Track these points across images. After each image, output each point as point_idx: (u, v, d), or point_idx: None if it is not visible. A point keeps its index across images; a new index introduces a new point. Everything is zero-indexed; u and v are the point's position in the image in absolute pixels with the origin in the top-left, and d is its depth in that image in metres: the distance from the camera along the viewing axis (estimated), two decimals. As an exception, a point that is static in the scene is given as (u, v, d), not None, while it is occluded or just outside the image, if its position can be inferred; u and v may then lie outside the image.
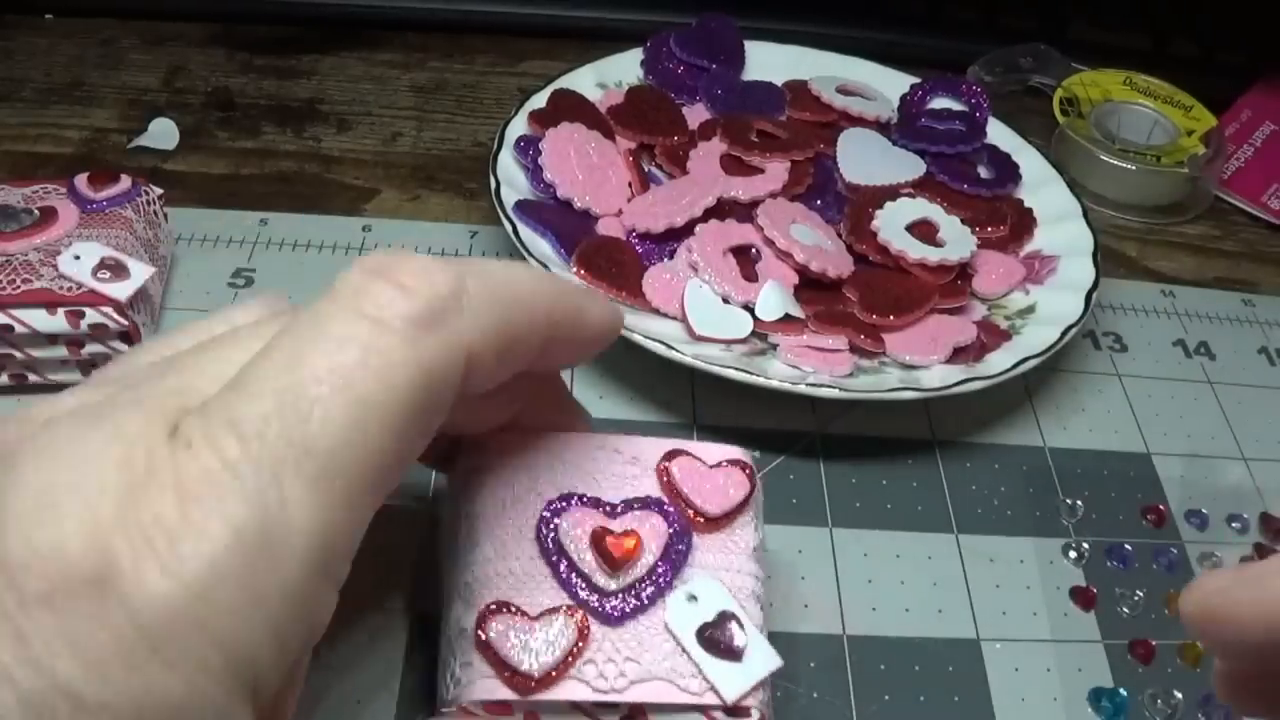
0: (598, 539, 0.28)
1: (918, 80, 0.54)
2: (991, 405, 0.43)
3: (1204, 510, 0.41)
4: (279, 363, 0.20)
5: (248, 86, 0.55)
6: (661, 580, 0.28)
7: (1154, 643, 0.36)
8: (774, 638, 0.34)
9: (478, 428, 0.29)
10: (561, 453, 0.30)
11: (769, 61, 0.55)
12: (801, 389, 0.38)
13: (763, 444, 0.40)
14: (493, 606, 0.27)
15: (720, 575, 0.29)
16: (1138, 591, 0.37)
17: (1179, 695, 0.35)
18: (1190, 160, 0.55)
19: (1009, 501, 0.40)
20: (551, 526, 0.28)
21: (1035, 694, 0.34)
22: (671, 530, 0.29)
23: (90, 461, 0.18)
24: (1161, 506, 0.41)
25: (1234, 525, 0.41)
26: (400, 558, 0.35)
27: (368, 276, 0.21)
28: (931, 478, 0.40)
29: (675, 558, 0.28)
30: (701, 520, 0.29)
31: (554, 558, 0.28)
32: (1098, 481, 0.41)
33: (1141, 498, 0.41)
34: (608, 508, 0.29)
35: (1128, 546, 0.39)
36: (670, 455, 0.30)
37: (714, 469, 0.30)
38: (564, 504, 0.28)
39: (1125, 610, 0.37)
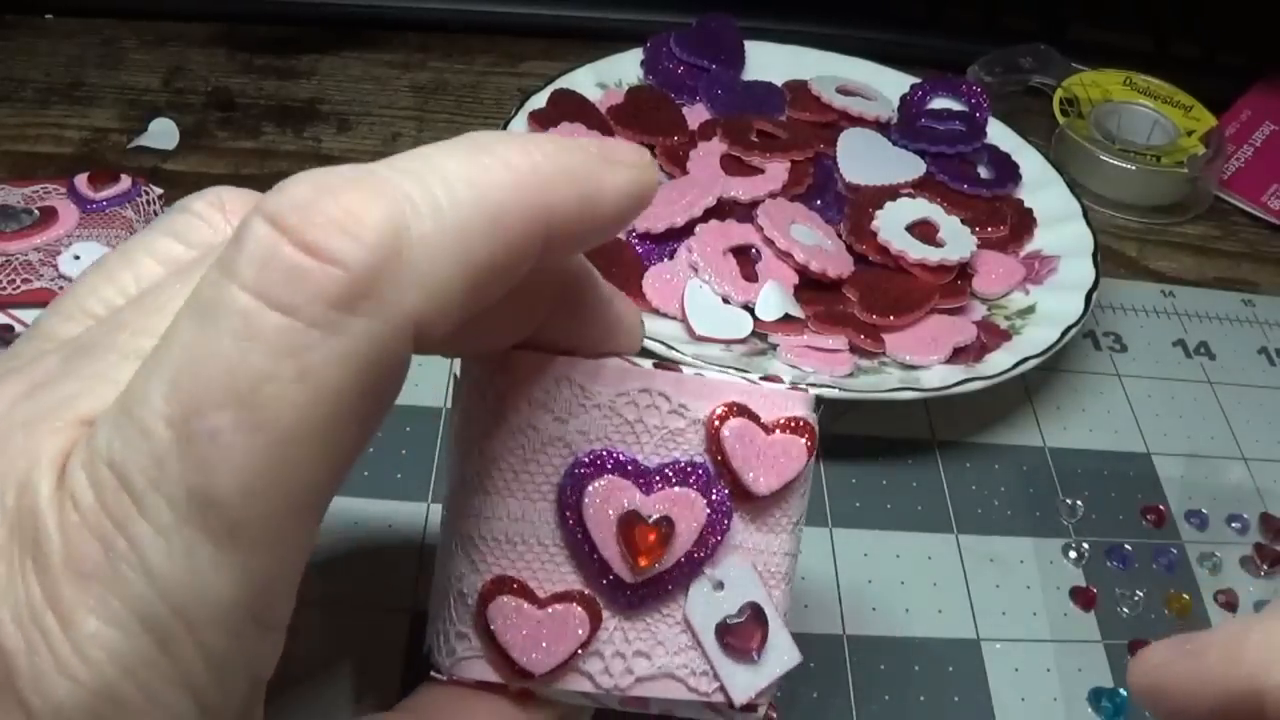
0: (626, 527, 0.25)
1: (918, 80, 0.54)
2: (991, 405, 0.43)
3: (1204, 510, 0.41)
4: (168, 379, 0.15)
5: (248, 86, 0.55)
6: (689, 568, 0.25)
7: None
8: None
9: (486, 348, 0.24)
10: (597, 391, 0.25)
11: (769, 61, 0.55)
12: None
13: (763, 444, 0.40)
14: (499, 582, 0.25)
15: (754, 558, 0.26)
16: (1138, 591, 0.37)
17: (1179, 695, 0.35)
18: (1190, 160, 0.55)
19: (1009, 501, 0.40)
20: (576, 498, 0.24)
21: (1035, 694, 0.34)
22: (710, 514, 0.25)
23: None
24: (1161, 506, 0.41)
25: (1234, 525, 0.41)
26: (401, 557, 0.35)
27: (273, 237, 0.16)
28: (931, 478, 0.40)
29: (709, 545, 0.25)
30: (746, 495, 0.26)
31: (575, 536, 0.25)
32: (1098, 481, 0.41)
33: (1141, 498, 0.41)
34: (643, 478, 0.25)
35: (1128, 546, 0.39)
36: (726, 412, 0.25)
37: (772, 435, 0.26)
38: (593, 468, 0.25)
39: (1125, 610, 0.37)
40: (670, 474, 0.25)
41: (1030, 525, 0.39)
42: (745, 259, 0.43)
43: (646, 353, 0.38)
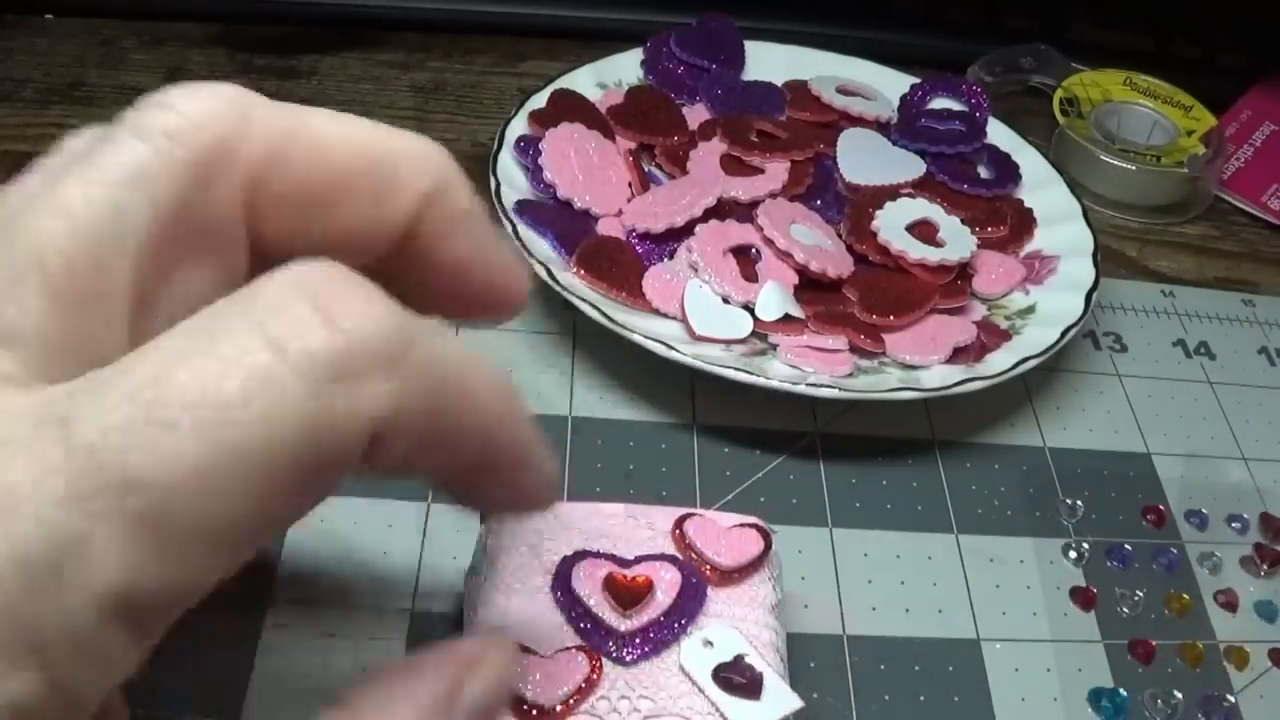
0: (610, 581, 0.29)
1: (918, 80, 0.54)
2: (991, 405, 0.43)
3: (1204, 510, 0.41)
4: (152, 367, 0.16)
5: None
6: (676, 624, 0.28)
7: (1154, 643, 0.36)
8: (774, 638, 0.34)
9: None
10: (579, 520, 0.31)
11: (769, 61, 0.55)
12: (801, 389, 0.38)
13: (763, 444, 0.40)
14: None
15: (737, 625, 0.28)
16: (1138, 591, 0.37)
17: (1179, 695, 0.35)
18: (1190, 160, 0.54)
19: (1009, 501, 0.40)
20: (566, 577, 0.29)
21: (1035, 694, 0.34)
22: (685, 578, 0.29)
23: None
24: (1161, 506, 0.41)
25: (1234, 525, 0.41)
26: (401, 557, 0.35)
27: (295, 291, 0.17)
28: (931, 478, 0.40)
29: (689, 603, 0.29)
30: (716, 574, 0.30)
31: (567, 604, 0.28)
32: (1098, 481, 0.41)
33: (1141, 498, 0.41)
34: (622, 560, 0.30)
35: (1128, 546, 0.39)
36: (685, 517, 0.31)
37: (729, 529, 0.31)
38: (579, 558, 0.29)
39: (1125, 610, 0.37)
40: (645, 558, 0.30)
41: (1030, 525, 0.39)
42: (745, 259, 0.43)
43: (646, 353, 0.39)
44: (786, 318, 0.41)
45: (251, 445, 0.16)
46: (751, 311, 0.41)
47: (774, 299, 0.41)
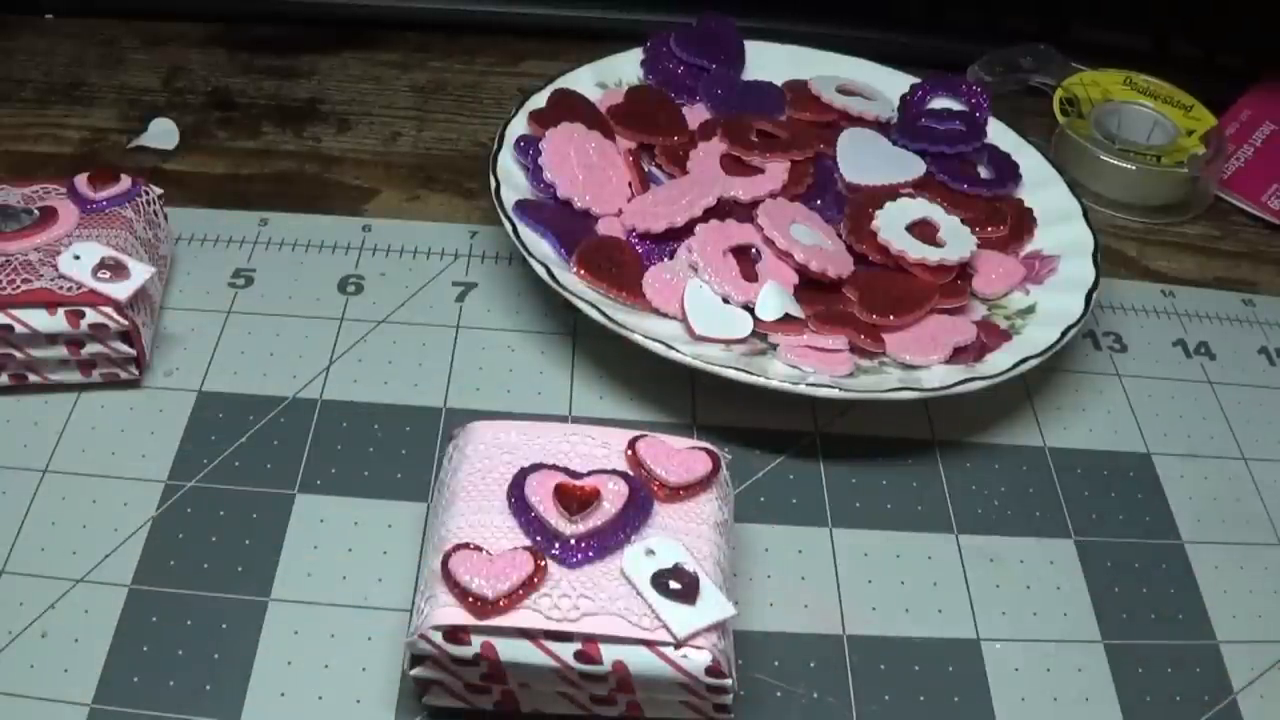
0: (559, 489, 0.31)
1: (918, 80, 0.54)
2: (991, 405, 0.43)
3: (1204, 509, 0.41)
4: None
5: (248, 86, 0.55)
6: (620, 533, 0.30)
7: (1153, 643, 0.36)
8: (774, 638, 0.34)
9: None
10: (537, 437, 0.33)
11: (769, 61, 0.55)
12: (801, 389, 0.38)
13: (763, 444, 0.40)
14: (457, 546, 0.30)
15: (680, 538, 0.30)
16: (1138, 591, 0.37)
17: (1179, 695, 0.35)
18: (1190, 160, 0.54)
19: (1009, 501, 0.40)
20: (520, 485, 0.31)
21: (1035, 694, 0.34)
22: (633, 491, 0.31)
23: None
24: (1161, 506, 0.41)
25: (1234, 525, 0.41)
26: (400, 557, 0.35)
27: None
28: (931, 478, 0.40)
29: (635, 514, 0.31)
30: (664, 490, 0.32)
31: (518, 510, 0.31)
32: (1098, 481, 0.41)
33: (1141, 498, 0.41)
34: (574, 473, 0.32)
35: (1128, 546, 0.39)
36: (638, 439, 0.33)
37: (680, 450, 0.33)
38: (534, 469, 0.32)
39: (1125, 611, 0.37)
40: (596, 472, 0.32)
41: (1030, 525, 0.39)
42: (745, 259, 0.43)
43: (646, 353, 0.39)
44: (786, 318, 0.41)
45: None
46: (751, 311, 0.41)
47: (774, 299, 0.41)
